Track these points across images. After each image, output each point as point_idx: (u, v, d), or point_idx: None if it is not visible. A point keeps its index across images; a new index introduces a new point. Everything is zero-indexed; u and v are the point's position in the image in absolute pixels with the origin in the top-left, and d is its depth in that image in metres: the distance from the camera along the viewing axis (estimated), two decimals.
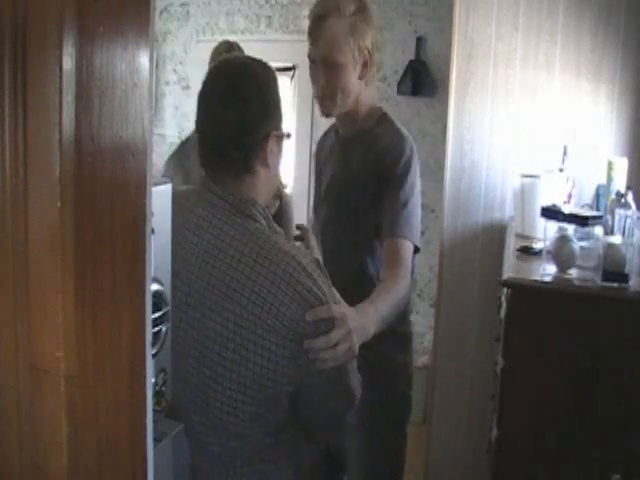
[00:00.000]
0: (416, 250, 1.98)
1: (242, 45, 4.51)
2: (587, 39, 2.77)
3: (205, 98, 1.48)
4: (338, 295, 1.50)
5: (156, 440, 1.06)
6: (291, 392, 1.39)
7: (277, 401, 1.38)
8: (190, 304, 1.39)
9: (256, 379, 1.34)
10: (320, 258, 1.57)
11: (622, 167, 2.46)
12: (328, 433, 1.60)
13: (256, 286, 1.34)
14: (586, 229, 2.23)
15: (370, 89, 2.18)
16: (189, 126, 3.98)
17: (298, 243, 1.75)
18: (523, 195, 2.59)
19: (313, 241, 1.82)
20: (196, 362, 1.38)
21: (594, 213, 2.37)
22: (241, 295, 1.34)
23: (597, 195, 2.70)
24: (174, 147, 3.34)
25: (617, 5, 2.72)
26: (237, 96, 1.43)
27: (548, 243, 2.17)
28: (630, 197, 2.16)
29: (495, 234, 2.89)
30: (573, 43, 2.79)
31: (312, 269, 1.39)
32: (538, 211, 2.33)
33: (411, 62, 4.04)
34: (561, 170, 2.61)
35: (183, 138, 3.48)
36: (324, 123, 4.27)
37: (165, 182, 1.17)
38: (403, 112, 4.12)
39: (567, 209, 2.29)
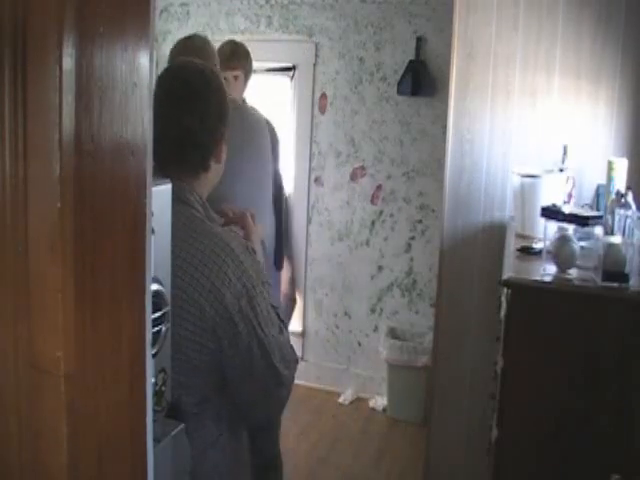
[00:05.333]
0: None
1: None
2: (587, 39, 2.77)
3: (164, 100, 1.52)
4: (267, 278, 1.60)
5: (156, 440, 1.06)
6: (214, 363, 1.47)
7: (202, 372, 1.47)
8: None
9: (182, 350, 1.42)
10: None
11: (622, 167, 2.45)
12: (260, 411, 1.64)
13: (189, 267, 1.43)
14: (586, 229, 2.23)
15: None
16: None
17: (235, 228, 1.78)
18: (523, 195, 2.59)
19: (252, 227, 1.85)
20: None
21: (594, 213, 2.36)
22: (175, 275, 1.39)
23: (597, 195, 2.70)
24: None
25: (617, 5, 2.72)
26: (198, 100, 1.56)
27: (548, 243, 2.17)
28: (630, 197, 2.16)
29: (495, 234, 2.89)
30: (573, 44, 2.79)
31: (240, 252, 1.49)
32: (538, 211, 2.33)
33: (411, 62, 4.04)
34: (561, 170, 2.61)
35: None
36: (324, 122, 4.28)
37: (165, 182, 1.17)
38: (403, 112, 4.13)
39: (567, 209, 2.29)
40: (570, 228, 2.15)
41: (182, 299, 1.41)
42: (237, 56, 3.26)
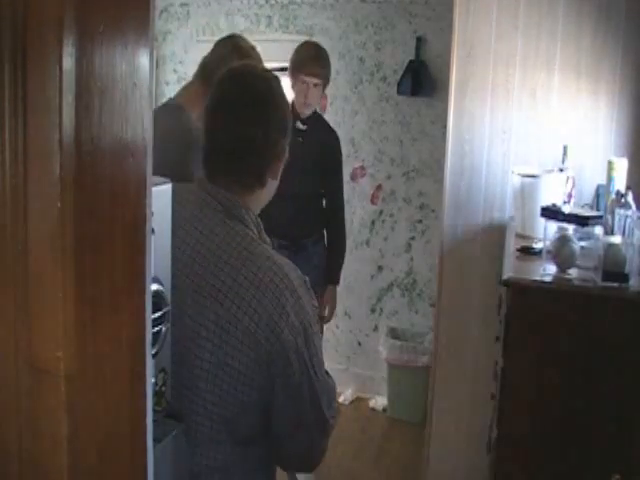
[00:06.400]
0: None
1: None
2: (587, 39, 2.77)
3: (223, 107, 1.46)
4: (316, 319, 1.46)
5: (156, 440, 1.06)
6: (262, 403, 1.36)
7: (248, 410, 1.36)
8: (172, 301, 1.34)
9: (231, 382, 1.32)
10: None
11: (622, 167, 2.45)
12: (302, 461, 1.53)
13: (241, 289, 1.32)
14: (586, 229, 2.23)
15: None
16: None
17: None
18: (523, 195, 2.59)
19: None
20: (173, 364, 1.34)
21: (594, 213, 2.36)
22: (225, 296, 1.32)
23: (597, 195, 2.70)
24: None
25: (617, 5, 2.71)
26: (262, 109, 1.44)
27: (548, 243, 2.17)
28: (630, 197, 2.16)
29: (495, 234, 2.89)
30: (573, 43, 2.79)
31: (298, 284, 1.37)
32: (538, 211, 2.33)
33: (411, 62, 4.04)
34: (561, 170, 2.61)
35: None
36: None
37: (165, 182, 1.17)
38: (403, 112, 4.12)
39: (567, 209, 2.29)
40: (570, 228, 2.15)
41: (236, 327, 1.31)
42: (322, 62, 3.14)
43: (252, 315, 1.31)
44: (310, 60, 3.12)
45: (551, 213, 2.26)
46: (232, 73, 1.53)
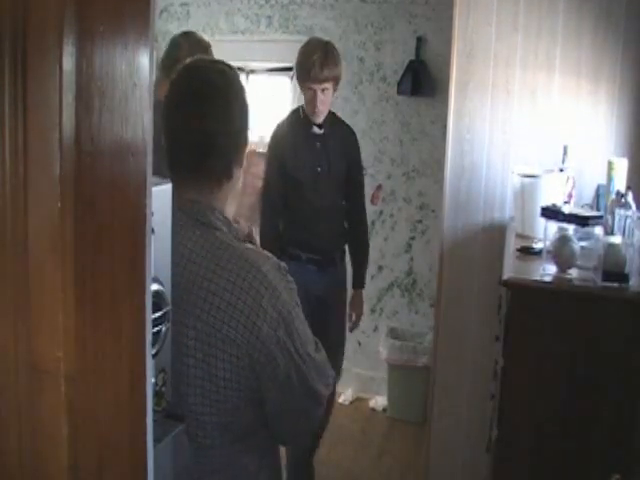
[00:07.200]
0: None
1: (243, 45, 4.49)
2: (587, 39, 2.77)
3: (180, 103, 1.43)
4: (297, 298, 1.45)
5: (156, 440, 1.06)
6: (254, 401, 1.37)
7: (242, 410, 1.37)
8: None
9: (220, 391, 1.32)
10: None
11: (622, 167, 2.45)
12: (303, 436, 1.58)
13: (215, 299, 1.31)
14: (586, 229, 2.23)
15: None
16: None
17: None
18: (523, 195, 2.59)
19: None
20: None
21: (594, 213, 2.36)
22: (201, 310, 1.31)
23: (597, 195, 2.70)
24: None
25: (617, 5, 2.71)
26: (221, 101, 1.41)
27: (548, 243, 2.17)
28: (630, 197, 2.16)
29: (495, 234, 2.89)
30: (573, 43, 2.79)
31: (273, 276, 1.35)
32: (538, 211, 2.33)
33: (411, 62, 4.04)
34: (561, 170, 2.61)
35: None
36: None
37: (165, 182, 1.17)
38: (403, 112, 4.12)
39: (567, 209, 2.29)
40: (570, 228, 2.15)
41: (216, 337, 1.30)
42: (329, 64, 2.90)
43: (229, 322, 1.30)
44: (315, 65, 2.86)
45: (551, 213, 2.26)
46: (186, 68, 1.49)
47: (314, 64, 2.86)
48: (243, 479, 1.42)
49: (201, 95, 1.41)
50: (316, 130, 3.03)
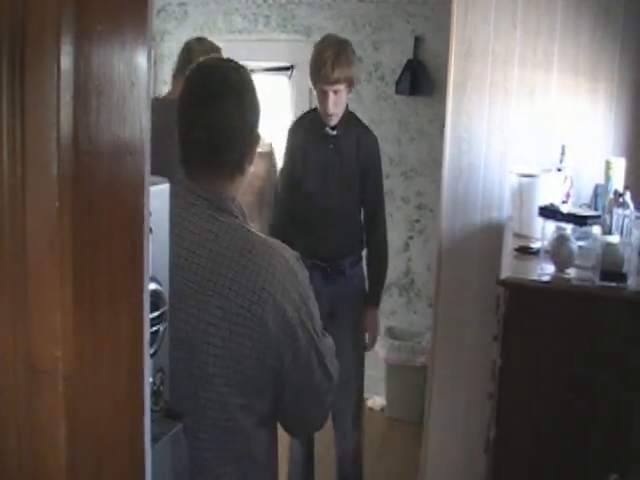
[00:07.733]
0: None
1: (241, 45, 4.49)
2: (585, 38, 2.77)
3: (195, 100, 1.46)
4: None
5: (154, 440, 1.06)
6: (275, 382, 1.43)
7: (263, 391, 1.42)
8: (174, 305, 1.35)
9: (244, 371, 1.37)
10: None
11: (620, 167, 2.46)
12: (316, 423, 1.62)
13: (242, 279, 1.36)
14: (584, 229, 2.23)
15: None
16: None
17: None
18: (521, 195, 2.59)
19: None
20: (185, 364, 1.38)
21: (592, 213, 2.37)
22: (229, 289, 1.36)
23: (595, 194, 2.70)
24: None
25: (615, 3, 2.71)
26: (236, 98, 1.45)
27: (546, 243, 2.17)
28: (628, 197, 2.16)
29: (493, 234, 2.89)
30: (571, 42, 2.79)
31: (293, 263, 1.43)
32: (536, 211, 2.33)
33: (409, 61, 4.04)
34: (559, 169, 2.61)
35: None
36: None
37: (163, 181, 1.17)
38: (401, 111, 4.13)
39: (565, 209, 2.29)
40: (568, 228, 2.15)
41: (245, 317, 1.36)
42: (341, 65, 2.77)
43: (257, 301, 1.36)
44: (326, 64, 2.73)
45: (549, 213, 2.26)
46: (201, 66, 1.53)
47: (325, 63, 2.74)
48: (261, 465, 1.48)
49: (216, 92, 1.45)
50: (329, 131, 2.92)
